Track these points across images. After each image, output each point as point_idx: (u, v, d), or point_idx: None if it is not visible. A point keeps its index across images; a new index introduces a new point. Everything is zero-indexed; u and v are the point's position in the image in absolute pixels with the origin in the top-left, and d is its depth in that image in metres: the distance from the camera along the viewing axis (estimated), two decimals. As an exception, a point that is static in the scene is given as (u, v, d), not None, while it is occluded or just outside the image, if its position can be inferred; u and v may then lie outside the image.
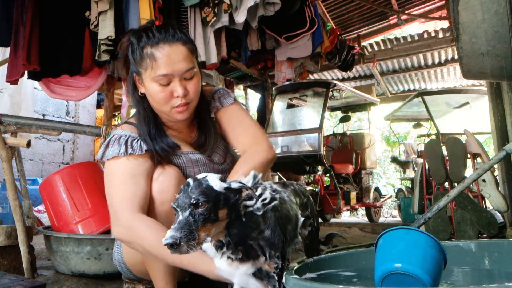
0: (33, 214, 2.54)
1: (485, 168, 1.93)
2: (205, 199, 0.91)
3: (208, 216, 0.91)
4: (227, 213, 0.95)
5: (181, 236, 0.86)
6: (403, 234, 0.99)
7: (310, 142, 5.23)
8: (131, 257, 1.36)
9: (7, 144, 2.08)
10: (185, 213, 0.90)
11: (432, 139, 4.44)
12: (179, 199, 0.93)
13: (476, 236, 2.86)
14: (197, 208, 0.90)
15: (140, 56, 1.25)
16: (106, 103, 3.05)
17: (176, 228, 0.88)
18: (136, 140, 1.30)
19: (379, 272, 0.95)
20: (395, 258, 0.94)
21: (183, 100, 1.26)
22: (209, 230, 0.92)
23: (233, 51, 3.48)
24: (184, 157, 1.36)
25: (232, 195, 0.96)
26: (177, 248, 0.87)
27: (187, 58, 1.26)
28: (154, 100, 1.28)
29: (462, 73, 1.97)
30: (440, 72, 7.32)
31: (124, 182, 1.23)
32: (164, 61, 1.22)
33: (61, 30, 2.65)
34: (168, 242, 0.86)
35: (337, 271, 1.21)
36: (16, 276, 1.49)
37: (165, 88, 1.24)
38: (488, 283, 1.08)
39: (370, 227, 5.16)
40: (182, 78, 1.25)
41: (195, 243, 0.88)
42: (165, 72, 1.22)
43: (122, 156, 1.25)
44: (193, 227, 0.88)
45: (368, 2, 5.77)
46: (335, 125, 7.95)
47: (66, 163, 5.72)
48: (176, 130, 1.40)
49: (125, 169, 1.25)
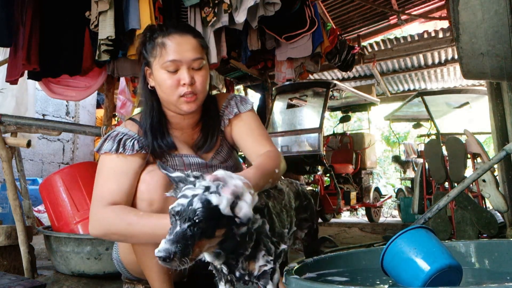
0: (33, 214, 2.54)
1: (485, 168, 1.94)
2: (208, 218, 0.87)
3: (205, 232, 0.87)
4: (224, 233, 0.91)
5: (175, 251, 0.83)
6: (423, 234, 1.01)
7: (310, 142, 5.23)
8: (127, 256, 1.36)
9: (7, 144, 2.08)
10: (184, 226, 0.86)
11: (432, 139, 4.44)
12: (182, 207, 0.88)
13: (476, 236, 2.86)
14: (197, 225, 0.86)
15: (152, 46, 1.30)
16: (106, 103, 3.05)
17: (172, 241, 0.84)
18: (130, 139, 1.30)
19: (430, 272, 0.94)
20: (438, 256, 0.96)
21: (189, 88, 1.26)
22: (203, 246, 0.89)
23: (233, 51, 3.48)
24: (177, 159, 1.36)
25: (235, 220, 0.91)
26: (169, 262, 0.83)
27: (197, 49, 1.29)
28: (161, 89, 1.29)
29: (462, 73, 1.97)
30: (440, 72, 7.32)
31: (107, 179, 1.25)
32: (173, 48, 1.26)
33: (61, 30, 2.65)
34: (161, 255, 0.83)
35: (337, 271, 1.21)
36: (16, 276, 1.50)
37: (172, 76, 1.26)
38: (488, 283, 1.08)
39: (370, 227, 5.16)
40: (190, 67, 1.27)
41: (188, 259, 0.84)
42: (173, 58, 1.25)
43: (112, 154, 1.27)
44: (189, 242, 0.85)
45: (368, 2, 5.77)
46: (335, 125, 7.95)
47: (66, 163, 5.72)
48: (179, 129, 1.39)
49: (110, 165, 1.27)
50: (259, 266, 1.00)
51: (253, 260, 1.00)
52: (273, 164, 1.20)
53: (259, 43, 3.20)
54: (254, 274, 1.01)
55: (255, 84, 6.54)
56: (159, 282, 1.26)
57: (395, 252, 0.99)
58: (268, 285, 1.01)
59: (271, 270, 1.02)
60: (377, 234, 4.65)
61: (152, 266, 1.25)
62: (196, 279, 1.47)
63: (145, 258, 1.25)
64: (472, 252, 1.20)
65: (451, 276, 0.96)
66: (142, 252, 1.25)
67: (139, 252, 1.26)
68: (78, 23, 2.62)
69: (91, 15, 2.38)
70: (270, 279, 1.01)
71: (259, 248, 1.00)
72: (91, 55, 2.67)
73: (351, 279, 1.15)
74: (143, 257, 1.26)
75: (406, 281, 0.97)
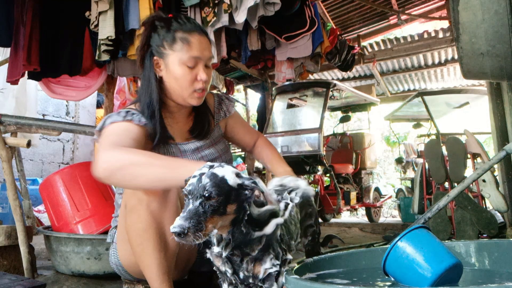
0: (33, 214, 2.54)
1: (485, 168, 1.94)
2: (217, 192, 0.92)
3: (217, 209, 0.92)
4: (235, 209, 0.97)
5: (189, 226, 0.88)
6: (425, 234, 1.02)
7: (310, 142, 5.23)
8: (127, 258, 1.36)
9: (7, 144, 2.08)
10: (196, 203, 0.91)
11: (432, 139, 4.44)
12: (192, 185, 0.94)
13: (476, 236, 2.86)
14: (209, 200, 0.92)
15: (172, 39, 1.34)
16: (106, 103, 3.05)
17: (185, 217, 0.89)
18: (136, 114, 1.33)
19: (439, 271, 0.94)
20: (444, 255, 0.97)
21: (204, 85, 1.36)
22: (216, 223, 0.94)
23: (233, 51, 3.48)
24: (174, 147, 1.42)
25: (244, 191, 0.98)
26: (184, 237, 0.88)
27: (210, 48, 1.41)
28: (178, 82, 1.35)
29: (462, 73, 1.97)
30: (440, 72, 7.32)
31: (115, 134, 1.24)
32: (197, 45, 1.34)
33: (61, 30, 2.66)
34: (176, 230, 0.88)
35: (337, 271, 1.21)
36: (16, 276, 1.49)
37: (191, 71, 1.34)
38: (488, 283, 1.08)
39: (370, 227, 5.16)
40: (205, 65, 1.37)
41: (202, 234, 0.89)
42: (197, 55, 1.33)
43: (120, 121, 1.28)
44: (202, 218, 0.90)
45: (368, 2, 5.76)
46: (335, 125, 7.94)
47: (66, 163, 5.72)
48: (175, 119, 1.46)
49: (118, 126, 1.27)
50: (265, 268, 1.02)
51: (260, 263, 1.02)
52: (275, 148, 1.65)
53: (259, 43, 3.20)
54: (259, 277, 1.03)
55: (255, 84, 6.54)
56: (158, 282, 1.25)
57: (401, 252, 0.99)
58: (273, 286, 1.03)
59: (276, 273, 1.03)
60: (377, 234, 4.65)
61: (151, 267, 1.25)
62: (196, 277, 1.47)
63: (144, 258, 1.25)
64: (472, 252, 1.20)
65: (453, 274, 0.97)
66: (141, 253, 1.25)
67: (138, 252, 1.26)
68: (78, 23, 2.62)
69: (91, 15, 2.39)
70: (275, 281, 1.03)
71: (268, 252, 1.02)
72: (91, 55, 2.68)
73: (351, 279, 1.15)
74: (142, 257, 1.26)
75: (413, 281, 0.97)
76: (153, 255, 1.23)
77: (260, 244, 1.01)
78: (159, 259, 1.24)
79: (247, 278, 1.04)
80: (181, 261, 1.38)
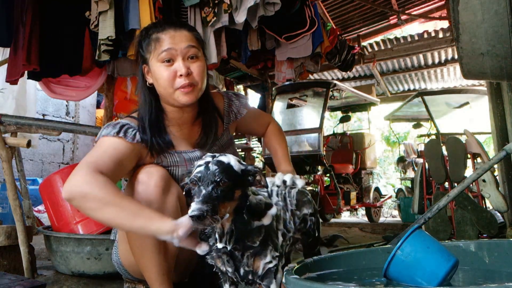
0: (33, 214, 2.54)
1: (485, 168, 1.94)
2: (227, 177, 0.96)
3: (227, 194, 0.97)
4: (240, 195, 1.01)
5: (207, 209, 0.91)
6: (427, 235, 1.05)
7: (310, 142, 5.23)
8: (128, 258, 1.35)
9: (7, 144, 2.07)
10: (208, 188, 0.94)
11: (432, 139, 4.44)
12: (201, 173, 0.97)
13: (476, 236, 2.86)
14: (219, 186, 0.95)
15: (147, 42, 1.32)
16: (106, 103, 3.05)
17: (202, 201, 0.92)
18: (131, 129, 1.30)
19: (446, 269, 0.97)
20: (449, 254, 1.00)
21: (186, 80, 1.28)
22: (226, 208, 0.97)
23: (233, 51, 3.48)
24: (177, 156, 1.36)
25: (247, 177, 1.03)
26: (202, 220, 0.91)
27: (191, 40, 1.32)
28: (159, 83, 1.30)
29: (462, 73, 1.97)
30: (440, 72, 7.32)
31: (103, 152, 1.22)
32: (168, 40, 1.29)
33: (61, 30, 2.65)
34: (195, 214, 0.90)
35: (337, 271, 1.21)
36: (16, 276, 1.49)
37: (169, 68, 1.28)
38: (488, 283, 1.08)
39: (370, 227, 5.15)
40: (186, 58, 1.30)
41: (218, 217, 0.93)
42: (168, 47, 1.27)
43: (113, 136, 1.26)
44: (216, 202, 0.93)
45: (368, 2, 5.77)
46: (335, 125, 7.94)
47: (66, 163, 5.72)
48: (178, 125, 1.40)
49: (108, 143, 1.25)
50: (264, 263, 1.04)
51: (259, 257, 1.04)
52: (283, 138, 1.67)
53: (259, 43, 3.19)
54: (258, 273, 1.05)
55: (255, 84, 6.54)
56: (158, 283, 1.25)
57: (406, 254, 0.99)
58: (272, 284, 1.05)
59: (275, 269, 1.05)
60: (377, 234, 4.65)
61: (150, 268, 1.25)
62: (197, 280, 1.47)
63: (144, 259, 1.25)
64: (472, 252, 1.20)
65: (453, 270, 1.00)
66: (140, 254, 1.25)
67: (138, 254, 1.26)
68: (78, 23, 2.62)
69: (91, 15, 2.38)
70: (273, 277, 1.05)
71: (268, 243, 1.05)
72: (91, 55, 2.67)
73: (351, 279, 1.15)
74: (141, 259, 1.25)
75: (423, 280, 0.97)
76: (153, 256, 1.23)
77: (260, 235, 1.04)
78: (158, 260, 1.24)
79: (247, 274, 1.05)
80: (182, 263, 1.38)
